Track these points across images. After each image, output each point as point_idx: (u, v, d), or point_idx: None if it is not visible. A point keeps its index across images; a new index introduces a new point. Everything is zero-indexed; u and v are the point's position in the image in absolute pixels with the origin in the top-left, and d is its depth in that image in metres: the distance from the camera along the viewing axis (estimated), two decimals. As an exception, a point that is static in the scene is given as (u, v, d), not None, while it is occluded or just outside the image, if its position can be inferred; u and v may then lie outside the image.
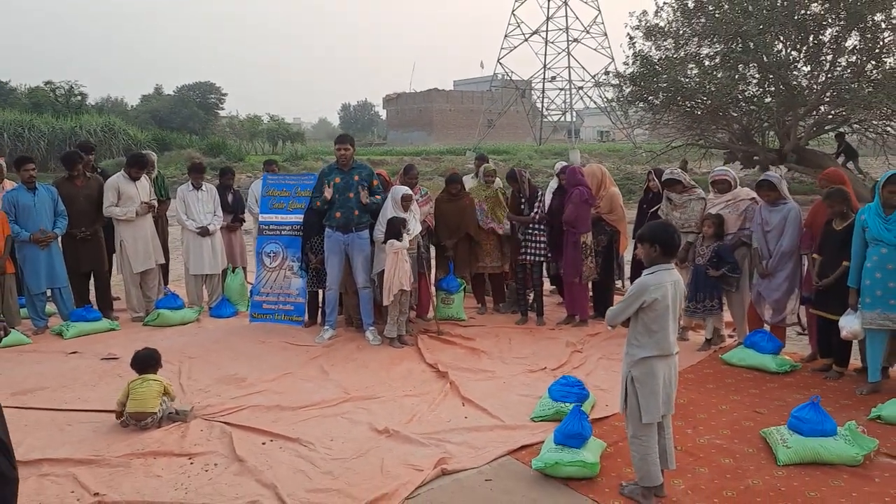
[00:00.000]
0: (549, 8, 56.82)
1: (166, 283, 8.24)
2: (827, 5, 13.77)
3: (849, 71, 14.03)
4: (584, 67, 57.21)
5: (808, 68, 14.74)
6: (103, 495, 3.67)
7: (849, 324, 5.11)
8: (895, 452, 4.14)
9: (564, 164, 7.40)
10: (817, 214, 5.71)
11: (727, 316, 6.49)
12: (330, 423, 4.68)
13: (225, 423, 4.65)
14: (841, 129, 15.24)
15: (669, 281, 3.43)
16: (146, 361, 4.86)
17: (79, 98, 44.69)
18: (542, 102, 59.85)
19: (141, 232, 7.49)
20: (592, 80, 51.86)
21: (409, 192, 6.55)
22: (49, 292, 7.16)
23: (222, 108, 64.18)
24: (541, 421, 4.63)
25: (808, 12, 14.04)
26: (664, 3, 15.73)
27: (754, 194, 6.23)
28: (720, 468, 3.99)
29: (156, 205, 7.78)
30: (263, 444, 4.35)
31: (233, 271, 8.13)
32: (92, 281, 7.62)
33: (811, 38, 14.24)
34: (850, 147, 15.20)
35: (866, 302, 4.98)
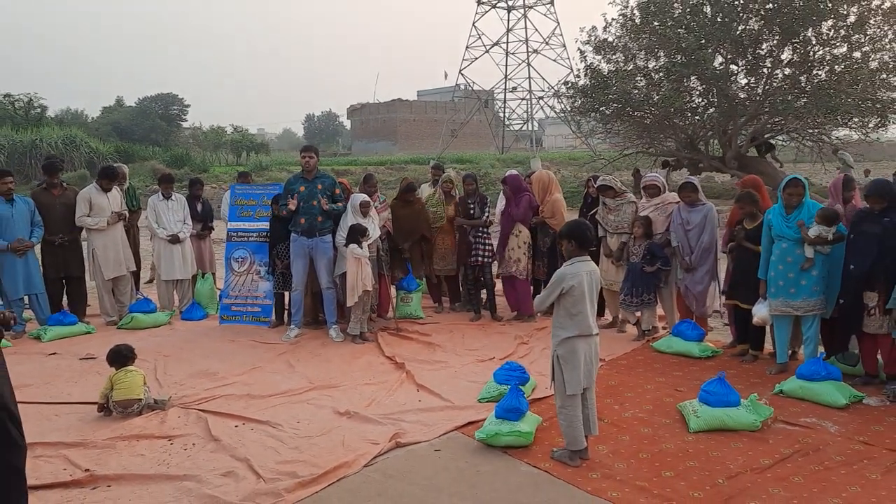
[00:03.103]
0: (509, 20, 57.98)
1: (137, 289, 8.62)
2: (763, 21, 14.67)
3: (785, 83, 14.94)
4: (543, 78, 58.41)
5: (747, 81, 15.65)
6: (93, 471, 4.12)
7: (759, 311, 5.79)
8: (791, 419, 4.80)
9: (513, 172, 8.01)
10: (735, 216, 6.40)
11: (660, 310, 7.14)
12: (296, 408, 5.18)
13: (200, 410, 5.12)
14: (767, 140, 16.19)
15: (585, 271, 4.03)
16: (123, 356, 5.29)
17: (38, 110, 44.16)
18: (504, 112, 60.89)
19: (112, 240, 7.89)
20: (552, 90, 53.08)
21: (367, 199, 7.10)
22: (26, 299, 7.52)
23: (185, 120, 63.95)
24: (486, 402, 5.16)
25: (746, 28, 14.93)
26: (612, 19, 16.58)
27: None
28: (639, 436, 4.59)
29: (126, 214, 8.19)
30: (236, 426, 4.83)
31: (202, 277, 8.56)
32: (66, 286, 7.97)
33: (749, 52, 15.14)
34: (769, 143, 16.08)
35: (772, 291, 5.65)
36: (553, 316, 4.16)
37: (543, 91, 57.61)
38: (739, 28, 14.88)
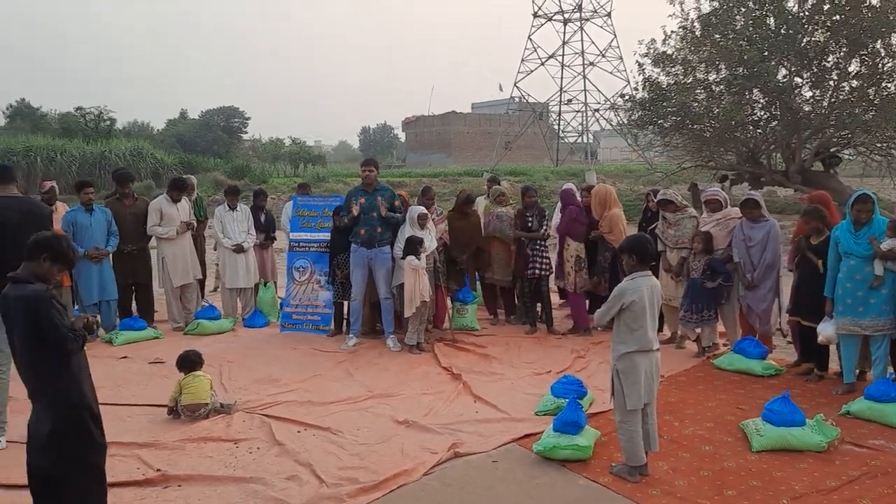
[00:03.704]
0: (565, 32, 57.81)
1: (202, 296, 8.91)
2: (829, 33, 14.32)
3: (852, 96, 14.53)
4: (599, 90, 57.97)
5: (812, 93, 15.27)
6: (164, 470, 4.30)
7: (824, 330, 5.66)
8: (858, 441, 4.67)
9: (568, 186, 8.02)
10: (801, 231, 6.28)
11: (721, 326, 7.03)
12: (356, 415, 5.29)
13: (264, 415, 5.28)
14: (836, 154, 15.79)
15: (646, 286, 4.03)
16: (192, 361, 5.51)
17: (108, 123, 45.90)
18: (559, 125, 60.64)
19: (181, 249, 8.18)
20: (608, 103, 52.67)
21: (425, 211, 7.22)
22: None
23: (245, 132, 65.58)
24: (543, 415, 5.18)
25: (811, 40, 14.59)
26: (671, 31, 16.41)
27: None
28: (700, 453, 4.54)
29: (194, 224, 8.50)
30: (298, 432, 4.96)
31: (265, 285, 8.80)
32: (134, 293, 8.29)
33: (814, 65, 14.77)
34: (836, 157, 15.67)
35: (839, 309, 5.51)
36: (613, 330, 4.16)
37: (599, 103, 57.20)
38: (804, 40, 14.54)
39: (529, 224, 7.70)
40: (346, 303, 7.70)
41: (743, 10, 15.31)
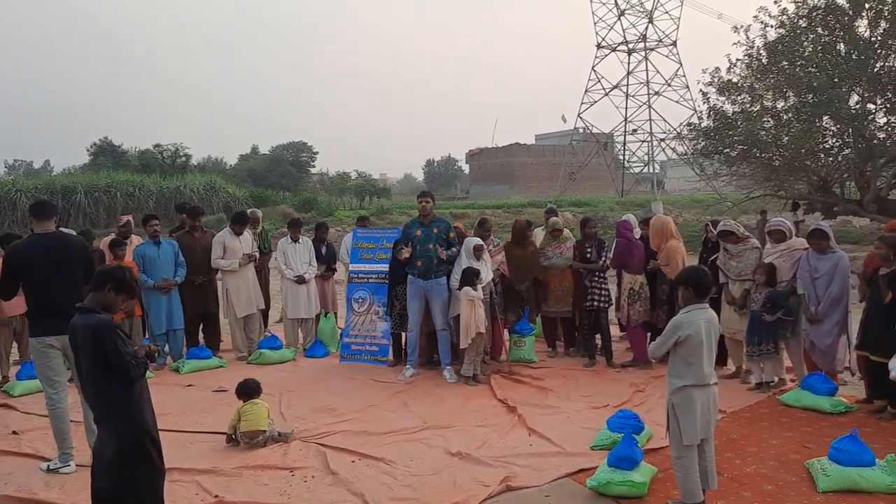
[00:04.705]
0: (629, 62, 57.52)
1: (265, 326, 9.14)
2: (903, 58, 13.89)
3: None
4: (665, 119, 57.22)
5: (887, 120, 14.74)
6: (222, 497, 4.41)
7: (896, 367, 5.37)
8: (935, 485, 4.41)
9: (626, 217, 7.94)
10: (872, 258, 6.03)
11: (787, 361, 6.77)
12: (410, 446, 5.31)
13: (320, 444, 5.35)
14: None
15: (703, 318, 3.95)
16: (251, 389, 5.65)
17: (183, 159, 47.77)
18: (624, 155, 60.09)
19: (244, 281, 8.44)
20: (674, 132, 51.85)
21: (481, 242, 7.26)
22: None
23: (313, 166, 67.18)
24: (599, 449, 5.08)
25: (885, 64, 14.13)
26: (737, 59, 16.16)
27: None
28: (762, 493, 4.37)
29: (256, 256, 8.73)
30: (353, 462, 5.01)
31: (325, 316, 8.97)
32: (202, 323, 8.57)
33: (889, 90, 14.28)
34: None
35: (912, 344, 5.25)
36: (669, 364, 4.09)
37: (665, 133, 56.43)
38: (877, 65, 14.12)
39: (588, 255, 7.66)
40: (404, 334, 7.77)
41: (811, 36, 15.00)
